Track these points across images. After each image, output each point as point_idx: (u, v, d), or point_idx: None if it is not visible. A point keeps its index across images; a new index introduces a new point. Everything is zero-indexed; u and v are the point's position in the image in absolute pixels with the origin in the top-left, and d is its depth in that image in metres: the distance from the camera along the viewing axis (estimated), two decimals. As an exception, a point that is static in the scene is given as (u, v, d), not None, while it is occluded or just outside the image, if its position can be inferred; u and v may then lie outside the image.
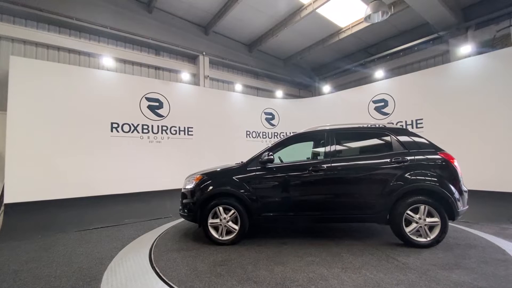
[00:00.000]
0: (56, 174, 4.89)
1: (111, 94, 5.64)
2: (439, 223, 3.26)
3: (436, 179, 3.35)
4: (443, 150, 3.53)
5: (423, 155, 3.48)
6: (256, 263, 3.01)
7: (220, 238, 3.65)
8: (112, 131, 5.56)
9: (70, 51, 6.52)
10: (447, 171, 3.40)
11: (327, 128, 3.94)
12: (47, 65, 5.25)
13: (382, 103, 6.81)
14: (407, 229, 3.32)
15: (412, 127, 6.14)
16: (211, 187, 3.74)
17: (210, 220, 3.67)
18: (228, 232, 3.67)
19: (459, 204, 3.30)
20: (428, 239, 3.29)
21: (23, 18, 5.96)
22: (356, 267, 2.81)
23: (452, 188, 3.31)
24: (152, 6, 7.24)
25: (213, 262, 3.06)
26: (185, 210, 3.87)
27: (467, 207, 3.44)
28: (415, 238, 3.31)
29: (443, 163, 3.42)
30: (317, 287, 2.41)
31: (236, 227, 3.64)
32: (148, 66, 7.83)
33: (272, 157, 3.69)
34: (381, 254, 3.15)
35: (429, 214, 3.30)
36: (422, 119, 6.05)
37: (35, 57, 6.01)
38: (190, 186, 3.90)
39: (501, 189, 4.76)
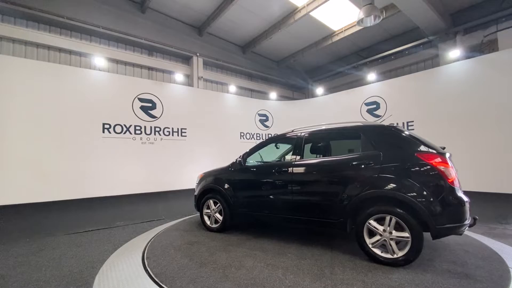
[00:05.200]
0: (45, 175, 4.76)
1: (103, 95, 5.55)
2: (410, 239, 2.67)
3: (403, 185, 2.76)
4: (430, 151, 2.88)
5: (395, 157, 2.94)
6: (212, 247, 3.53)
7: (210, 225, 4.40)
8: (103, 132, 5.46)
9: (60, 50, 6.40)
10: (424, 175, 2.75)
11: (298, 130, 3.92)
12: (36, 64, 5.13)
13: (374, 106, 6.91)
14: (369, 241, 2.88)
15: (403, 129, 6.24)
16: (204, 184, 4.54)
17: (205, 210, 4.49)
18: (216, 221, 4.33)
19: (443, 217, 2.61)
20: (395, 256, 2.73)
21: (12, 16, 5.82)
22: (281, 266, 2.85)
23: (429, 197, 2.66)
24: (146, 6, 7.17)
25: (186, 242, 3.80)
26: (194, 201, 4.71)
27: (466, 222, 2.67)
28: (378, 252, 2.83)
29: (420, 166, 2.79)
30: (224, 272, 2.74)
31: (221, 218, 4.25)
32: (141, 66, 7.75)
33: (241, 159, 4.16)
34: (328, 262, 2.95)
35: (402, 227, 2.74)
36: (413, 121, 6.16)
37: (24, 56, 5.87)
38: (196, 182, 4.83)
39: (489, 189, 4.89)
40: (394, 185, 2.81)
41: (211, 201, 4.39)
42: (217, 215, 4.31)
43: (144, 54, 7.80)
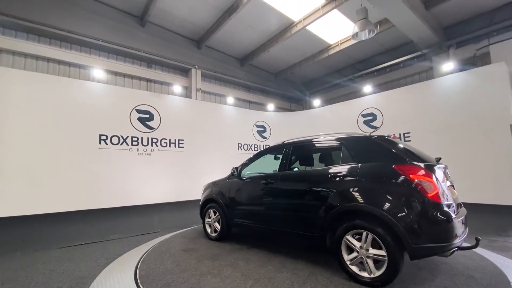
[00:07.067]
0: (39, 187, 4.69)
1: (100, 106, 5.55)
2: (386, 258, 2.46)
3: (377, 199, 2.59)
4: (412, 163, 2.62)
5: (372, 169, 2.79)
6: (202, 255, 3.68)
7: (210, 234, 4.57)
8: (100, 143, 5.44)
9: (60, 62, 6.47)
10: (400, 189, 2.54)
11: (287, 141, 3.93)
12: (35, 75, 5.16)
13: (371, 117, 6.96)
14: (347, 257, 2.72)
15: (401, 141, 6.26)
16: (207, 194, 4.73)
17: (206, 219, 4.68)
18: (216, 230, 4.47)
19: (421, 236, 2.35)
20: (372, 275, 2.53)
21: (13, 29, 5.91)
22: (254, 278, 2.91)
23: (404, 212, 2.43)
24: (145, 20, 7.32)
25: (183, 248, 4.06)
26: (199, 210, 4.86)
27: (455, 242, 2.38)
28: (356, 270, 2.66)
29: (397, 179, 2.57)
30: (199, 279, 2.88)
31: (219, 227, 4.38)
32: (140, 78, 7.82)
33: (233, 171, 4.33)
34: (304, 277, 2.88)
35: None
36: (409, 132, 6.20)
37: (24, 68, 5.92)
38: (202, 191, 4.98)
39: (487, 201, 4.85)
40: (369, 199, 2.65)
41: (211, 211, 4.57)
42: (216, 224, 4.47)
43: (143, 67, 7.89)
